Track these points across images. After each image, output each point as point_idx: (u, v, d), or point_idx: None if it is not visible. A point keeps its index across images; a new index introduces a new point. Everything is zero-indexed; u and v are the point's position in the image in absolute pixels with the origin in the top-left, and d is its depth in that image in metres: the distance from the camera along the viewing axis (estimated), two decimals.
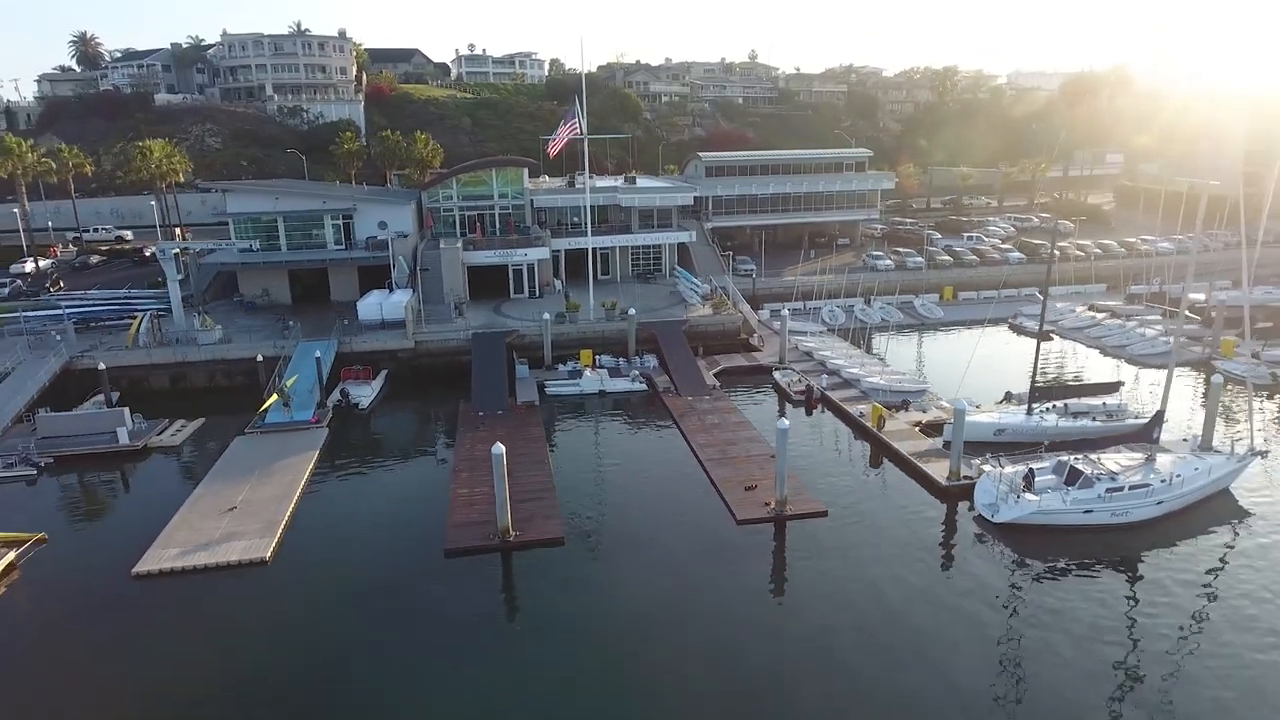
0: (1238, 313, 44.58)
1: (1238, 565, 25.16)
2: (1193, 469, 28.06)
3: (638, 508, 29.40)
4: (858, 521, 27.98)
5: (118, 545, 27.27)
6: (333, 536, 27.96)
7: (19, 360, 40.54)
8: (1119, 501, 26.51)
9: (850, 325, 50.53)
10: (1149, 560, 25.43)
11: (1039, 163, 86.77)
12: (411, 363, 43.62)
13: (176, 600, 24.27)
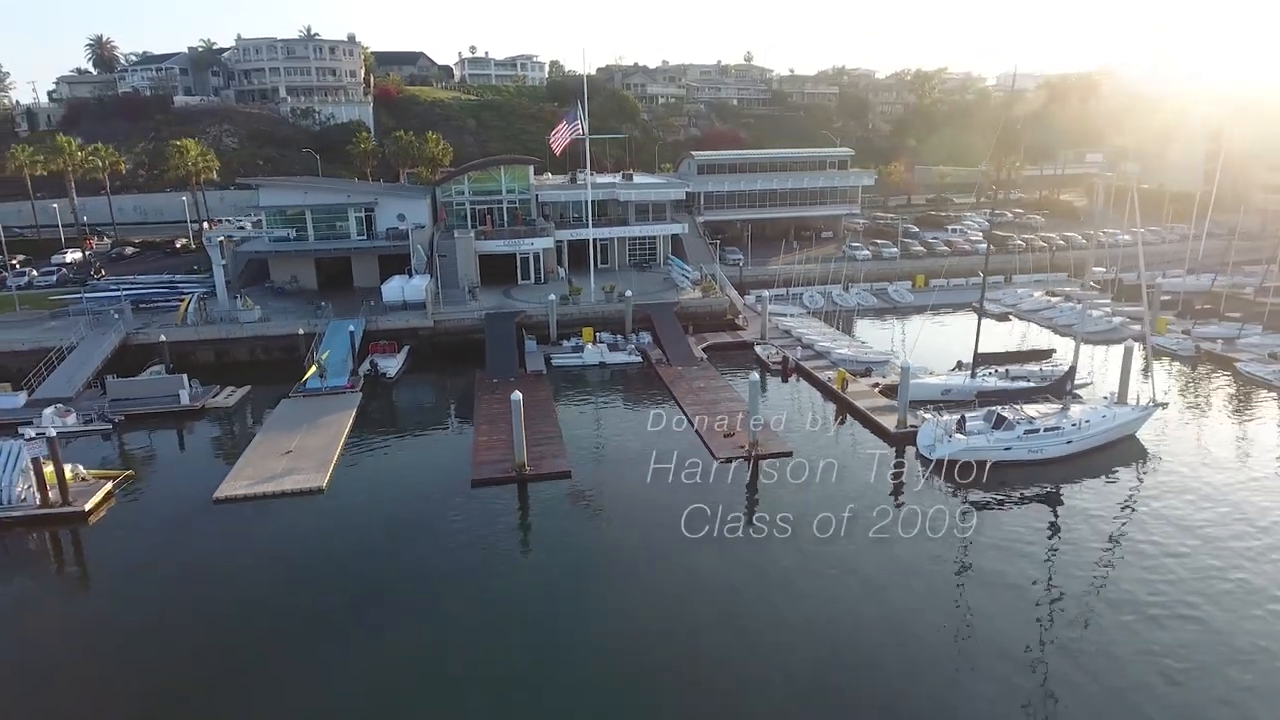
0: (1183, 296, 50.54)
1: (1141, 495, 30.58)
2: (1101, 416, 33.55)
3: (633, 450, 34.87)
4: (819, 459, 33.42)
5: (193, 480, 32.77)
6: (375, 472, 33.49)
7: (82, 335, 45.95)
8: (1034, 441, 32.00)
9: (828, 309, 56.09)
10: (1064, 490, 30.67)
11: (1014, 162, 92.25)
12: (431, 339, 49.04)
13: (250, 519, 29.65)
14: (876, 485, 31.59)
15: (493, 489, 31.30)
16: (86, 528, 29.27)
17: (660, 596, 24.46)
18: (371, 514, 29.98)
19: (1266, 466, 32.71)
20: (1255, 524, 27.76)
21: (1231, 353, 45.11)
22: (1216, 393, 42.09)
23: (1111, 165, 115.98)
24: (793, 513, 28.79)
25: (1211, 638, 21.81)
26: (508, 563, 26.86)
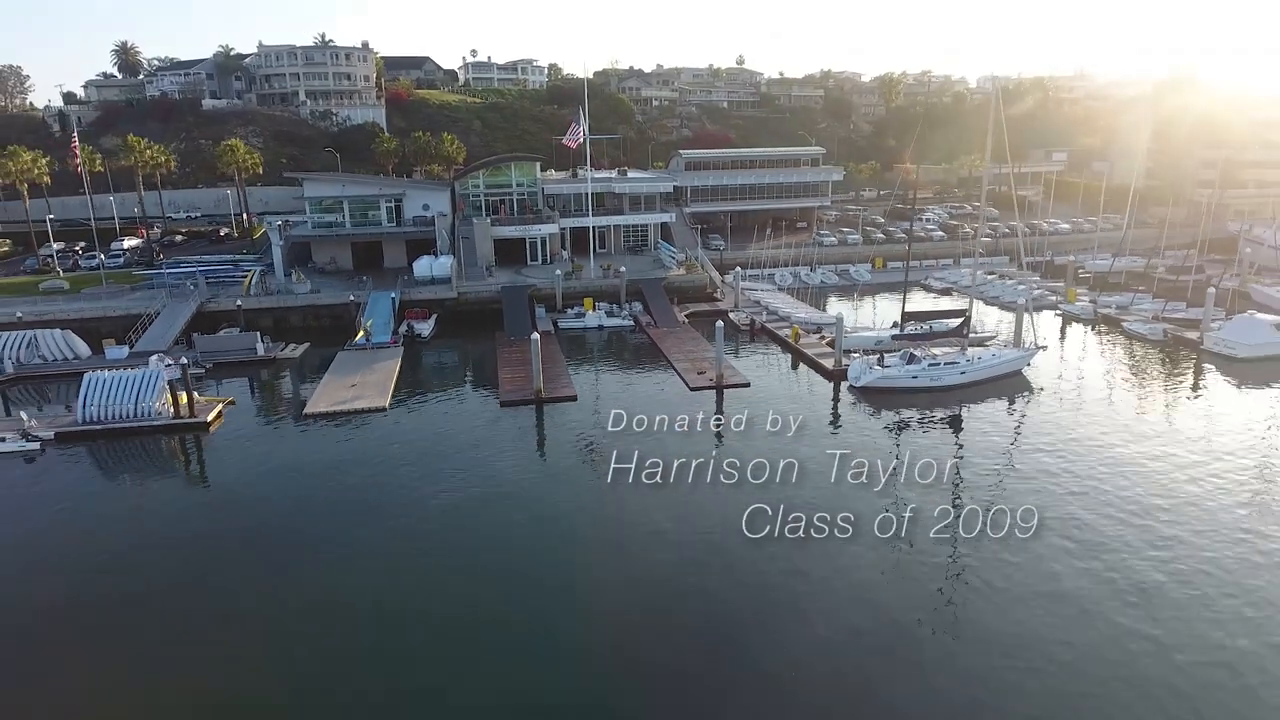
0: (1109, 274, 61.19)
1: (1020, 412, 40.60)
2: (991, 355, 43.68)
3: (625, 384, 44.87)
4: (772, 390, 43.38)
5: (280, 404, 42.73)
6: (423, 398, 43.48)
7: (164, 304, 55.75)
8: (935, 372, 42.00)
9: (796, 286, 66.04)
10: (962, 410, 40.43)
11: (974, 159, 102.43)
12: (455, 308, 58.87)
13: (332, 429, 39.43)
14: (816, 406, 41.56)
15: (517, 408, 41.22)
16: (208, 434, 39.07)
17: (652, 458, 34.39)
18: (424, 426, 39.90)
19: (1125, 393, 42.88)
20: (1110, 432, 37.44)
21: (1124, 316, 55.16)
22: (1099, 343, 52.34)
23: (1077, 163, 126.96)
24: (747, 420, 38.74)
25: (1064, 506, 31.46)
26: (529, 464, 36.77)
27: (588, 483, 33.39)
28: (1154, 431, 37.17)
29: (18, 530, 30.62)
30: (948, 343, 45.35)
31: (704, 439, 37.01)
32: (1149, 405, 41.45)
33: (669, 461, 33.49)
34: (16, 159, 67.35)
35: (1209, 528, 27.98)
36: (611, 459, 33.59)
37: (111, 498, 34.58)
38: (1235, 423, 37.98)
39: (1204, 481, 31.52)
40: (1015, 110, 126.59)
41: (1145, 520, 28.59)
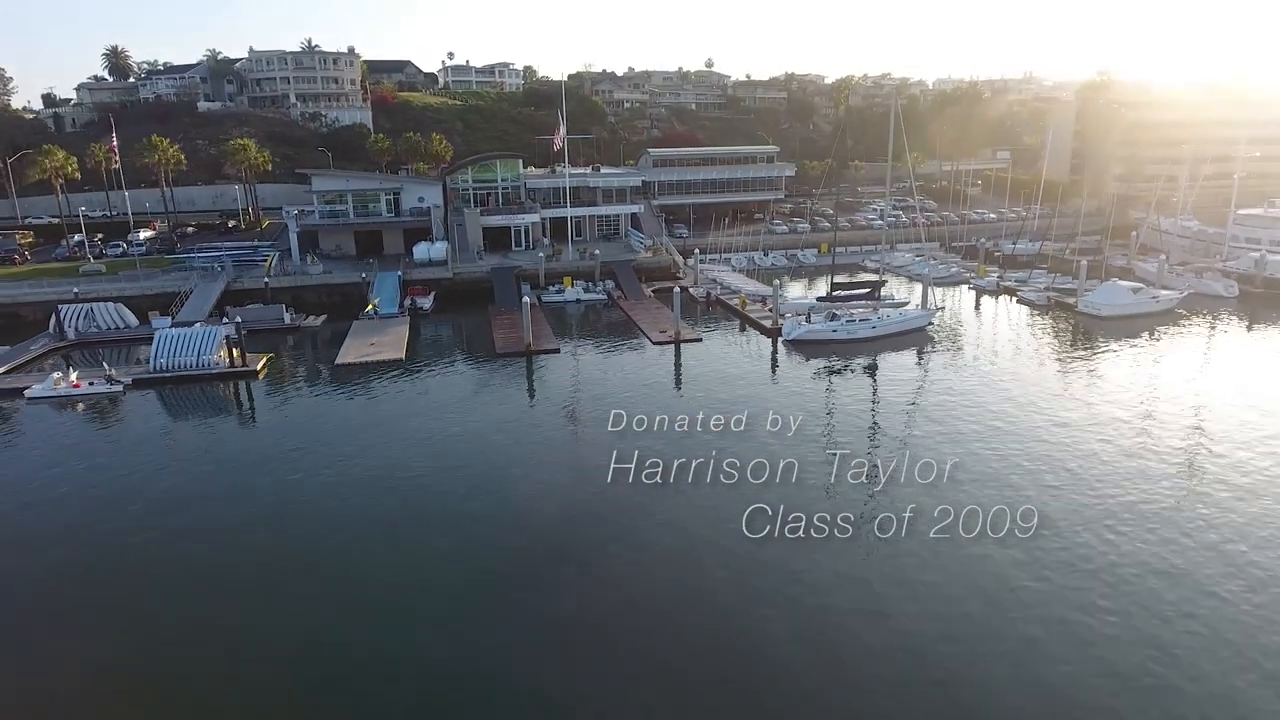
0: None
1: (923, 363, 51.19)
2: (898, 314, 54.35)
3: (599, 340, 54.96)
4: (722, 344, 53.68)
5: (313, 359, 52.19)
6: (432, 353, 53.32)
7: (194, 284, 64.74)
8: (852, 327, 52.58)
9: (749, 268, 76.37)
10: (876, 358, 50.96)
11: (916, 157, 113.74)
12: (451, 286, 68.43)
13: (361, 375, 48.95)
14: (756, 356, 51.89)
15: (509, 358, 51.10)
16: (257, 380, 48.46)
17: (622, 392, 44.44)
18: (436, 372, 49.68)
19: (1008, 343, 53.83)
20: (995, 374, 48.19)
21: (1020, 287, 66.21)
22: (996, 307, 63.51)
23: (1020, 160, 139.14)
24: (701, 365, 49.03)
25: (963, 422, 42.22)
26: (517, 402, 46.70)
27: (567, 408, 43.55)
28: (1029, 372, 47.95)
29: (116, 446, 40.04)
30: (866, 306, 56.02)
31: (665, 385, 47.23)
32: (1026, 353, 52.32)
33: (636, 399, 43.75)
34: (52, 157, 75.71)
35: (1065, 431, 38.74)
36: (585, 402, 43.72)
37: (184, 427, 44.08)
38: (1094, 364, 49.27)
39: (1070, 407, 42.07)
40: (959, 111, 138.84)
41: (1016, 433, 39.30)
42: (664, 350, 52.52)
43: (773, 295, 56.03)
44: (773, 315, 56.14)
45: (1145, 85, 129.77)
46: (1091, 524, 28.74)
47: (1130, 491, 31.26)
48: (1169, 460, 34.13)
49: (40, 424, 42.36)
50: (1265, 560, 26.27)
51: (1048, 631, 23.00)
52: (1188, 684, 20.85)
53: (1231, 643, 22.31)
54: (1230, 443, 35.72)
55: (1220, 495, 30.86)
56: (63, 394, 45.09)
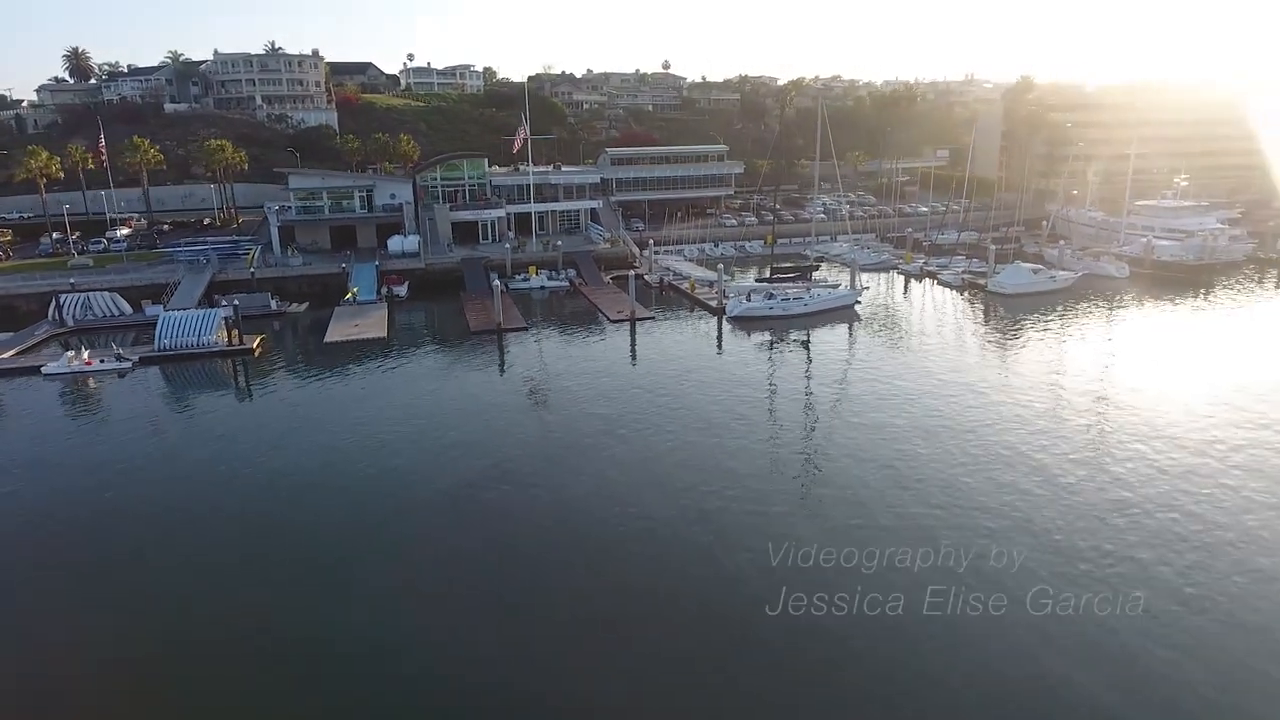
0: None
1: (852, 336, 58.79)
2: (828, 293, 62.05)
3: (562, 321, 61.65)
4: (673, 322, 60.73)
5: (303, 338, 57.97)
6: (411, 332, 59.51)
7: (182, 275, 69.79)
8: (786, 304, 60.04)
9: (701, 258, 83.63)
10: (810, 333, 58.39)
11: (858, 155, 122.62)
12: (424, 275, 74.36)
13: (350, 350, 54.93)
14: (703, 332, 59.04)
15: (481, 335, 57.52)
16: (253, 358, 54.12)
17: (582, 362, 51.17)
18: (416, 347, 55.94)
19: (925, 318, 61.74)
20: (910, 344, 56.09)
21: (941, 271, 74.48)
22: (917, 288, 71.79)
23: (958, 158, 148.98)
24: (654, 340, 56.05)
25: (878, 390, 49.76)
26: (488, 374, 53.22)
27: (535, 374, 50.26)
28: (941, 341, 55.84)
29: (126, 417, 45.67)
30: (800, 287, 63.61)
31: (622, 357, 54.16)
32: (940, 325, 60.39)
33: (594, 367, 50.59)
34: (37, 157, 79.81)
35: (968, 386, 46.51)
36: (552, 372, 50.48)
37: (190, 398, 49.77)
38: (996, 333, 57.71)
39: (974, 367, 50.20)
40: (900, 112, 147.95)
41: (928, 390, 46.99)
42: (621, 328, 59.35)
43: (718, 278, 63.24)
44: (718, 296, 63.36)
45: (1065, 87, 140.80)
46: (970, 435, 36.43)
47: (1009, 422, 39.04)
48: (1038, 401, 42.09)
49: (61, 396, 47.84)
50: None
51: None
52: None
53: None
54: (1099, 388, 43.93)
55: (1075, 422, 38.79)
56: (76, 370, 50.34)
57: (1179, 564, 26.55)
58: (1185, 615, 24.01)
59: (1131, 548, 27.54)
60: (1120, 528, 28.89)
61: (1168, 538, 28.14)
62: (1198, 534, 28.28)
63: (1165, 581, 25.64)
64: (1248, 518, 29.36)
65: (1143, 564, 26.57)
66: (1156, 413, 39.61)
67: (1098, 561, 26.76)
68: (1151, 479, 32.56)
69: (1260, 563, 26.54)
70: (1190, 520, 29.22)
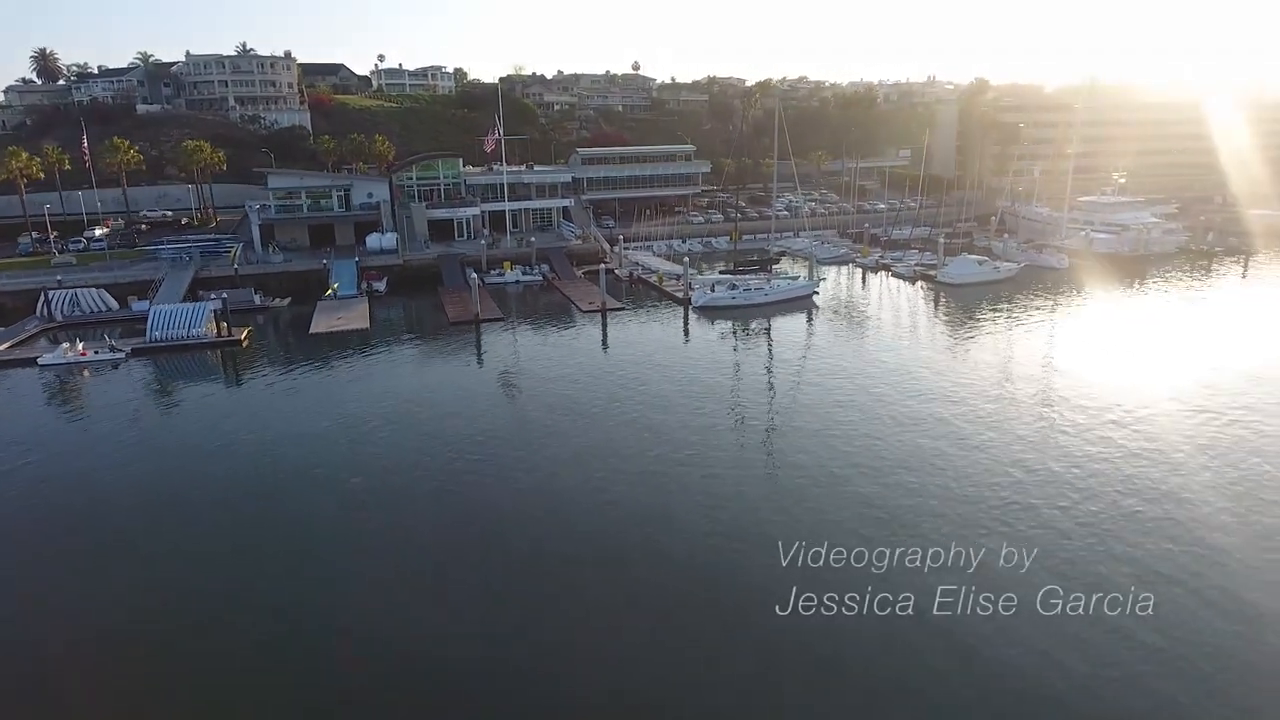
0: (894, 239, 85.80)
1: (810, 324, 63.11)
2: (787, 284, 66.41)
3: (537, 312, 65.33)
4: (642, 312, 64.64)
5: (287, 332, 60.99)
6: (391, 324, 62.85)
7: (165, 272, 72.26)
8: (748, 294, 64.27)
9: (670, 253, 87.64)
10: (771, 321, 62.57)
11: (821, 155, 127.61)
12: (402, 271, 77.48)
13: (334, 341, 58.07)
14: (670, 321, 63.03)
15: (461, 326, 60.98)
16: (241, 349, 57.07)
17: (555, 350, 54.85)
18: (398, 338, 59.27)
19: (878, 307, 66.30)
20: (864, 330, 60.51)
21: (895, 264, 79.22)
22: (873, 280, 76.47)
23: (919, 158, 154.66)
24: (624, 329, 59.92)
25: (833, 368, 53.99)
26: (467, 363, 56.76)
27: (507, 358, 53.92)
28: (892, 326, 60.55)
29: (116, 407, 48.60)
30: (763, 279, 67.96)
31: (593, 345, 58.02)
32: (892, 313, 64.99)
33: (566, 355, 54.35)
34: (17, 158, 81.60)
35: (916, 366, 50.93)
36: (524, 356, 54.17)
37: (183, 385, 52.70)
38: (943, 320, 62.54)
39: (918, 343, 54.72)
40: (862, 113, 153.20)
41: (881, 369, 51.30)
42: (592, 318, 63.12)
43: (684, 271, 67.32)
44: (684, 288, 67.40)
45: (1024, 88, 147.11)
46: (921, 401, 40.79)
47: (952, 397, 43.46)
48: (988, 376, 46.66)
49: (59, 385, 50.53)
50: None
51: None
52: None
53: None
54: (1035, 363, 48.66)
55: (983, 381, 43.34)
56: (72, 361, 52.99)
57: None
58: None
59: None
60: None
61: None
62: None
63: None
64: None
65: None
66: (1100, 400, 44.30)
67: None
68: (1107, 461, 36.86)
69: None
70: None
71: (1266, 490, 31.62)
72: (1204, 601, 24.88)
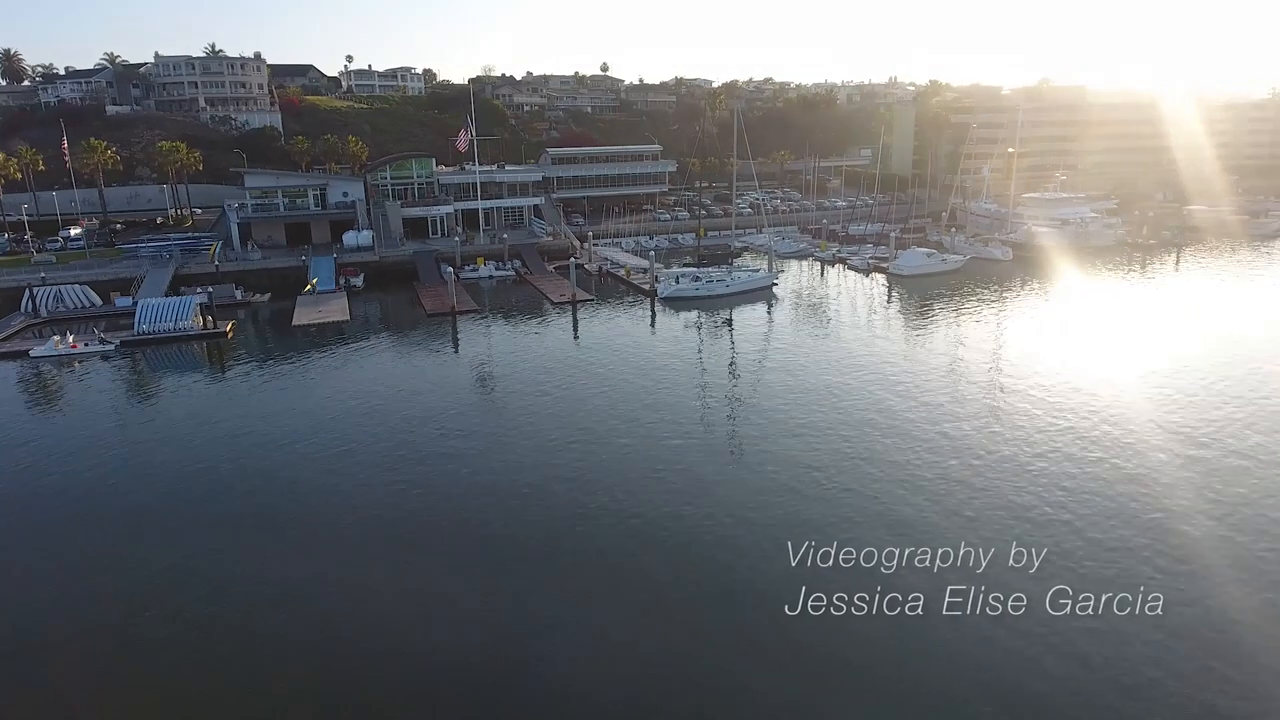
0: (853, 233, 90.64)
1: (770, 314, 67.41)
2: (747, 276, 70.72)
3: (510, 305, 68.95)
4: (610, 303, 68.57)
5: (269, 324, 64.01)
6: (370, 315, 66.13)
7: (146, 270, 74.65)
8: (710, 286, 68.43)
9: (637, 250, 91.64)
10: (733, 311, 66.68)
11: (783, 154, 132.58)
12: (379, 268, 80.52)
13: (316, 334, 61.16)
14: (637, 311, 67.02)
15: (438, 317, 64.41)
16: (226, 340, 59.96)
17: (527, 338, 58.55)
18: (377, 329, 62.57)
19: (834, 298, 70.96)
20: (819, 319, 64.98)
21: (851, 257, 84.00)
22: (830, 272, 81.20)
23: (882, 158, 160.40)
24: (593, 319, 63.80)
25: (787, 357, 58.23)
26: (445, 352, 60.27)
27: (483, 347, 57.57)
28: (848, 314, 65.10)
29: (112, 393, 51.47)
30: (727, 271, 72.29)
31: (564, 334, 61.83)
32: (847, 302, 69.61)
33: (538, 343, 58.12)
34: None
35: (867, 347, 55.36)
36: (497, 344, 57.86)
37: (173, 375, 55.60)
38: (894, 308, 67.22)
39: (877, 331, 59.23)
40: (824, 113, 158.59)
41: (833, 355, 55.68)
42: (563, 309, 66.88)
43: (650, 264, 71.38)
44: (651, 280, 71.44)
45: (983, 89, 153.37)
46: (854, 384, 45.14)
47: (892, 371, 47.94)
48: (938, 352, 51.24)
49: (55, 376, 53.17)
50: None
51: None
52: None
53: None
54: (980, 344, 53.35)
55: (933, 362, 47.89)
56: (63, 353, 55.56)
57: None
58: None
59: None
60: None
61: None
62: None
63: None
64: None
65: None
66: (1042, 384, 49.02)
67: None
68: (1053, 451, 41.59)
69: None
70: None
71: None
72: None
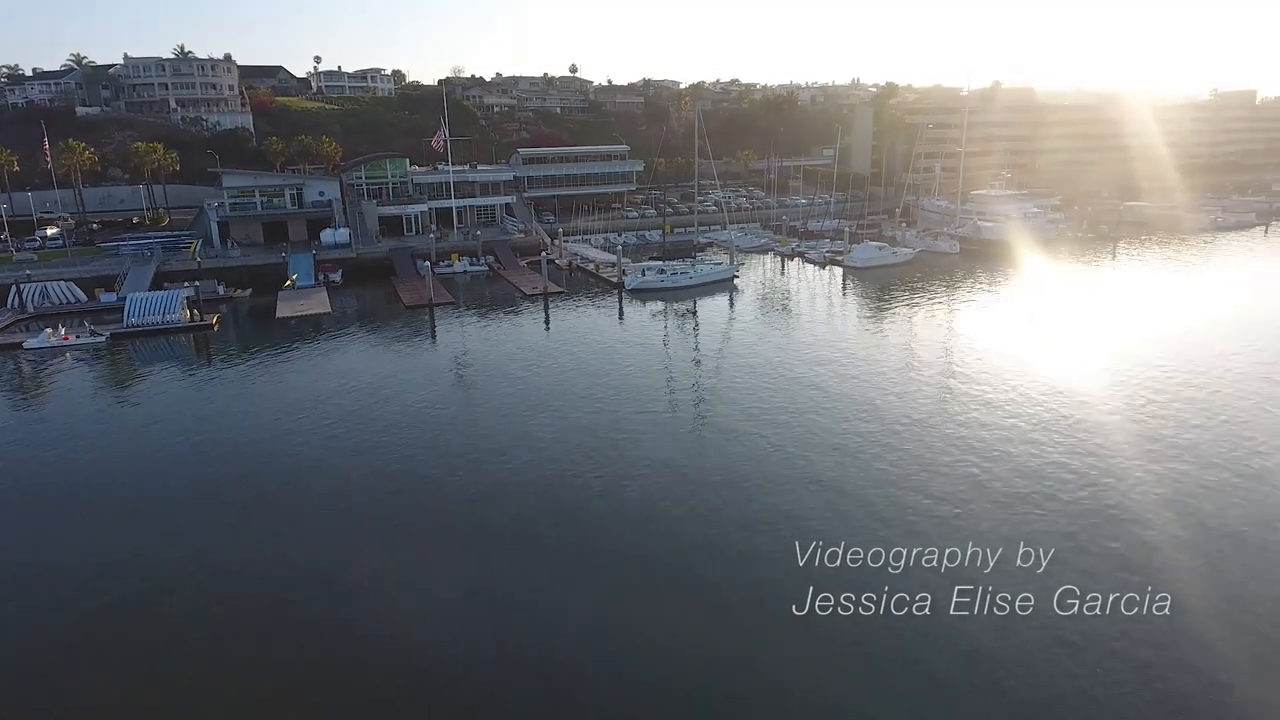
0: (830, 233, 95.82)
1: (731, 303, 71.92)
2: (709, 268, 75.34)
3: (484, 297, 72.77)
4: (580, 295, 72.68)
5: (252, 317, 67.25)
6: (349, 308, 69.57)
7: (128, 267, 77.25)
8: (674, 278, 72.87)
9: (606, 246, 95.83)
10: (697, 301, 71.11)
11: (747, 154, 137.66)
12: (356, 264, 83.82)
13: (299, 327, 64.44)
14: (605, 302, 71.20)
15: (416, 310, 68.07)
16: (212, 332, 63.10)
17: (501, 329, 62.48)
18: (358, 321, 66.11)
19: (793, 289, 75.72)
20: (777, 309, 69.66)
21: (808, 251, 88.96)
22: (788, 265, 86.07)
23: (842, 158, 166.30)
24: (563, 311, 67.90)
25: (751, 344, 62.73)
26: (425, 347, 64.00)
27: (463, 332, 61.47)
28: (805, 303, 69.88)
29: (107, 384, 54.59)
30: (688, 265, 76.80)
31: (536, 324, 65.95)
32: (804, 293, 74.47)
33: (512, 332, 62.16)
34: None
35: (822, 333, 60.05)
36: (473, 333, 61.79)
37: (163, 365, 58.71)
38: (849, 299, 72.25)
39: (831, 319, 64.01)
40: (786, 114, 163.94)
41: (791, 343, 60.30)
42: (535, 301, 70.90)
43: (618, 258, 75.68)
44: (618, 274, 75.71)
45: (946, 90, 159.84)
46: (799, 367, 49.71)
47: (842, 353, 52.65)
48: (893, 336, 56.07)
49: (50, 367, 56.05)
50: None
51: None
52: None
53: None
54: (931, 329, 58.33)
55: (884, 344, 52.71)
56: (55, 345, 58.39)
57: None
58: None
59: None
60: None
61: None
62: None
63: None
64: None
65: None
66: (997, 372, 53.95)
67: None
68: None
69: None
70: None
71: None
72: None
